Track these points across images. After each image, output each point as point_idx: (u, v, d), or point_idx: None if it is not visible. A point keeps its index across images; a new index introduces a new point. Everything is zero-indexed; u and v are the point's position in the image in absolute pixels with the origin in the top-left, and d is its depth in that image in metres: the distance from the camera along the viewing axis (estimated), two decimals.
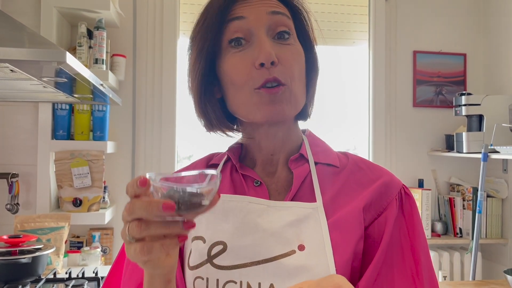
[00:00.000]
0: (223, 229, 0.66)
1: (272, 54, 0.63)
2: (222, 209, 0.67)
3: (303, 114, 0.74)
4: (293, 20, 0.70)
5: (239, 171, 0.73)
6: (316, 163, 0.72)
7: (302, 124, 0.78)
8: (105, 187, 2.15)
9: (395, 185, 0.71)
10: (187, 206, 0.49)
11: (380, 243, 0.66)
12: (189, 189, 0.49)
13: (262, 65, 0.64)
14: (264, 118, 0.66)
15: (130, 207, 0.50)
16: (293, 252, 0.63)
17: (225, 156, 0.76)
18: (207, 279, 0.64)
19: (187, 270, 0.67)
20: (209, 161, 0.78)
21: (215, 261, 0.65)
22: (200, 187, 0.50)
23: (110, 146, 2.14)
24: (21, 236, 1.67)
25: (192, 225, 0.51)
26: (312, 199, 0.68)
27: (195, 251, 0.66)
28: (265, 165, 0.73)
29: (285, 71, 0.65)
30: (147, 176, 0.50)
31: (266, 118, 0.66)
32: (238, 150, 0.75)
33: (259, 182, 0.71)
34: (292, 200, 0.68)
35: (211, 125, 0.72)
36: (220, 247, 0.65)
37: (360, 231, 0.66)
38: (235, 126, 0.75)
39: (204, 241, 0.66)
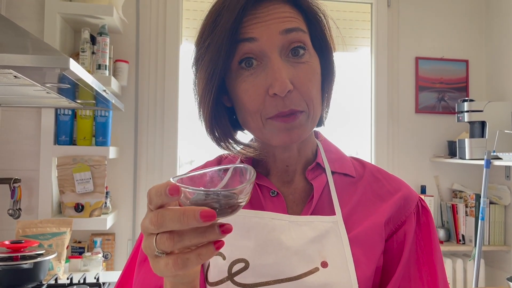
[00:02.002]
0: (245, 246, 0.64)
1: (287, 84, 0.59)
2: (243, 225, 0.65)
3: (318, 122, 0.71)
4: (309, 26, 0.66)
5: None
6: (332, 173, 0.71)
7: None
8: (107, 193, 2.15)
9: (413, 198, 0.70)
10: (223, 211, 0.44)
11: (401, 258, 0.65)
12: (223, 192, 0.44)
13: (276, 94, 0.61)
14: (279, 144, 0.64)
15: (158, 219, 0.43)
16: (317, 269, 0.62)
17: (237, 161, 0.73)
18: None
19: (206, 286, 0.65)
20: (219, 164, 0.75)
21: (237, 278, 0.62)
22: (236, 189, 0.44)
23: (112, 152, 2.14)
24: (22, 241, 1.67)
25: (230, 229, 0.44)
26: (331, 211, 0.67)
27: (214, 267, 0.64)
28: (280, 175, 0.71)
29: (301, 97, 0.62)
30: (172, 181, 0.44)
31: (281, 143, 0.64)
32: (251, 157, 0.72)
33: (275, 193, 0.69)
34: (311, 212, 0.67)
35: (219, 141, 0.69)
36: (241, 264, 0.63)
37: (381, 246, 0.66)
38: (244, 132, 0.73)
39: (224, 258, 0.64)
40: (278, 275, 0.62)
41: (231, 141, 0.69)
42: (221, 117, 0.67)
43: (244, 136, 0.73)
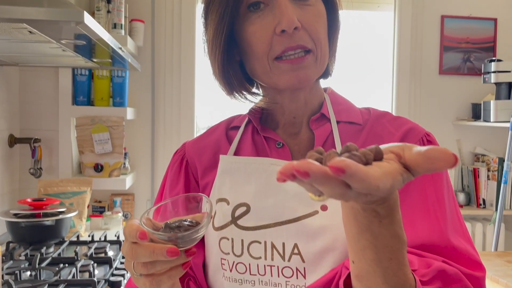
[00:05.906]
0: (246, 191, 0.67)
1: (294, 19, 0.61)
2: (244, 172, 0.68)
3: (325, 72, 0.71)
4: None
5: (261, 133, 0.72)
6: (338, 122, 0.71)
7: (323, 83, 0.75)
8: (125, 154, 2.17)
9: (418, 132, 0.68)
10: (186, 243, 0.53)
11: (406, 188, 0.61)
12: (185, 233, 0.53)
13: (283, 31, 0.61)
14: (287, 85, 0.65)
15: (133, 254, 0.52)
16: (316, 212, 0.63)
17: (246, 118, 0.76)
18: (232, 239, 0.65)
19: (212, 232, 0.68)
20: (230, 124, 0.78)
21: (239, 222, 0.66)
22: (198, 228, 0.53)
23: (129, 113, 2.14)
24: (44, 199, 1.70)
25: (193, 252, 0.54)
26: None
27: (220, 213, 0.67)
28: (287, 127, 0.72)
29: (309, 36, 0.63)
30: (140, 222, 0.53)
31: (290, 85, 0.65)
32: (259, 112, 0.74)
33: (281, 144, 0.70)
34: None
35: (231, 89, 0.70)
36: (243, 208, 0.66)
37: None
38: (254, 88, 0.74)
39: (228, 203, 0.67)
40: (278, 218, 0.64)
41: (243, 91, 0.70)
42: (233, 64, 0.69)
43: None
